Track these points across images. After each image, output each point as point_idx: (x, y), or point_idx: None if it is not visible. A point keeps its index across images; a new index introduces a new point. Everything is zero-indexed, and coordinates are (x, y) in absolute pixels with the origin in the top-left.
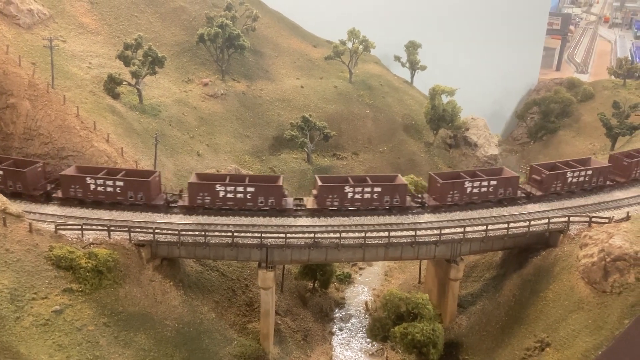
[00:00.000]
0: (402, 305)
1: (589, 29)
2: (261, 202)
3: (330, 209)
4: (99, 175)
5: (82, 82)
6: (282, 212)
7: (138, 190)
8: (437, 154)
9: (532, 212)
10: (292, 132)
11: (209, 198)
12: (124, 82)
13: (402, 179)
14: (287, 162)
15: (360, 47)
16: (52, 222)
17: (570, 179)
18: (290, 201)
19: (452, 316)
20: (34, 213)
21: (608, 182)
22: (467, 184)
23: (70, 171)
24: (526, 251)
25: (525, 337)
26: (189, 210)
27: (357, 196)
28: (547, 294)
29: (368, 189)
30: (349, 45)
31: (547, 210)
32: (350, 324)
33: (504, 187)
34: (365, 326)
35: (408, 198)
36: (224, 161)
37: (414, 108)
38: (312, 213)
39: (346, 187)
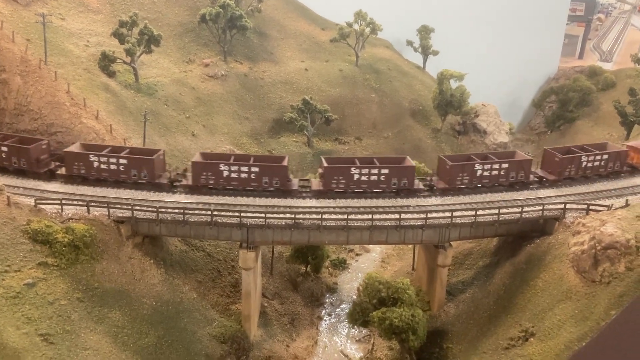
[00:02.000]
0: (383, 289)
1: (621, 18)
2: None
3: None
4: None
5: (77, 60)
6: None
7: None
8: (445, 140)
9: (543, 197)
10: (292, 115)
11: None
12: (119, 60)
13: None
14: (287, 146)
15: (367, 29)
16: (56, 199)
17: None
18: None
19: (440, 304)
20: (37, 190)
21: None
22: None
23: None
24: (521, 239)
25: (510, 326)
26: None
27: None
28: (537, 283)
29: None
30: (356, 27)
31: (560, 196)
32: (340, 309)
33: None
34: None
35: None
36: (220, 142)
37: (422, 93)
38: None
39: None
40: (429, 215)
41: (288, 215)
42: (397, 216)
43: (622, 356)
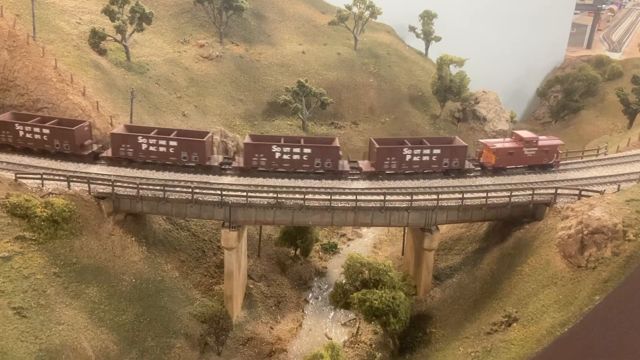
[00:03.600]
0: (365, 271)
1: (635, 10)
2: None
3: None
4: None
5: (67, 37)
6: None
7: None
8: (444, 127)
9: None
10: (286, 97)
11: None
12: (109, 38)
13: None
14: (281, 129)
15: (366, 12)
16: (36, 174)
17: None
18: (345, 164)
19: (426, 288)
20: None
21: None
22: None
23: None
24: (512, 224)
25: (495, 311)
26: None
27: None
28: (524, 268)
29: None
30: (355, 10)
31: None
32: (327, 293)
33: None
34: None
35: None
36: (212, 123)
37: (422, 79)
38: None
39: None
40: (415, 197)
41: (271, 195)
42: (381, 197)
43: (605, 342)
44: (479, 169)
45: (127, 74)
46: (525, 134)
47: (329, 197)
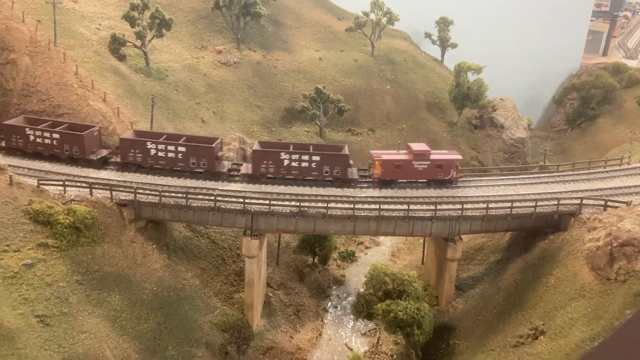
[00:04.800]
0: (389, 281)
1: None
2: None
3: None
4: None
5: (87, 43)
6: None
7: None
8: (461, 134)
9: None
10: (304, 104)
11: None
12: (129, 44)
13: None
14: (298, 135)
15: (384, 19)
16: (59, 180)
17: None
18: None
19: (449, 298)
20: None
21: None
22: (283, 156)
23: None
24: (535, 235)
25: (520, 323)
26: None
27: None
28: (549, 280)
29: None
30: (372, 17)
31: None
32: (346, 302)
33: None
34: None
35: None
36: (230, 130)
37: (439, 86)
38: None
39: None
40: (439, 207)
41: (293, 203)
42: (405, 207)
43: (636, 358)
44: (367, 180)
45: (147, 80)
46: (417, 146)
47: (351, 206)
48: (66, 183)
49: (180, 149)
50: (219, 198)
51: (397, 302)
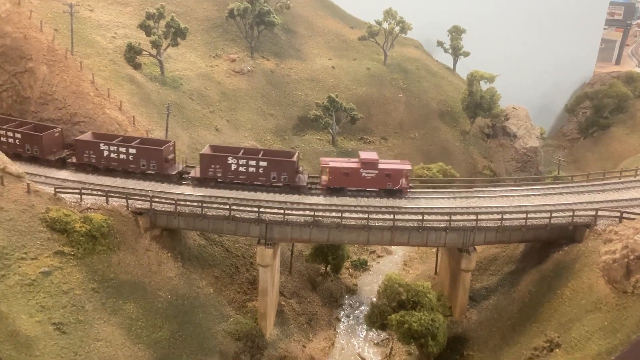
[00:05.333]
0: (402, 292)
1: None
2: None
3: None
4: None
5: (103, 51)
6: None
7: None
8: (473, 143)
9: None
10: (317, 112)
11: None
12: (145, 52)
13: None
14: (311, 143)
15: (397, 28)
16: (75, 188)
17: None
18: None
19: (462, 309)
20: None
21: None
22: (230, 160)
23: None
24: (549, 246)
25: (535, 335)
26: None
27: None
28: (564, 292)
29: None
30: (385, 25)
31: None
32: (359, 311)
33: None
34: None
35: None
36: (244, 138)
37: (451, 95)
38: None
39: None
40: (454, 217)
41: (307, 213)
42: (419, 217)
43: None
44: (317, 187)
45: (162, 89)
46: (366, 155)
47: (366, 216)
48: (82, 191)
49: (131, 150)
50: (234, 207)
51: (411, 313)
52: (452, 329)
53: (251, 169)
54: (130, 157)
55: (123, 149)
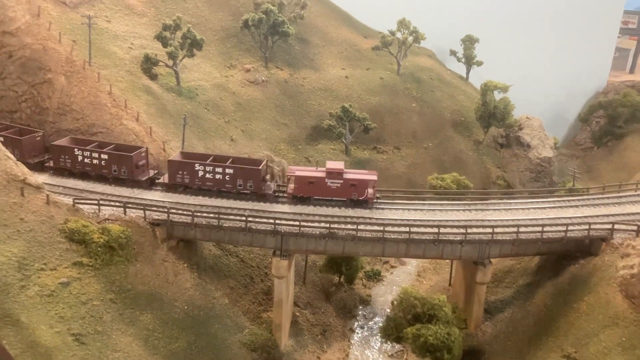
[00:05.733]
0: (418, 305)
1: None
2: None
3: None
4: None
5: (120, 62)
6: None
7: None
8: (487, 153)
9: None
10: (330, 122)
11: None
12: (161, 63)
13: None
14: (324, 153)
15: (410, 38)
16: (94, 199)
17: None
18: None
19: (477, 322)
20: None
21: None
22: (197, 167)
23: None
24: (564, 258)
25: (551, 350)
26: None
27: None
28: (581, 306)
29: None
30: (398, 35)
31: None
32: (373, 322)
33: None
34: None
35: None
36: (258, 147)
37: (465, 104)
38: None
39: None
40: (469, 230)
41: (323, 225)
42: (435, 230)
43: None
44: (283, 195)
45: (178, 99)
46: (332, 164)
47: (381, 229)
48: (101, 202)
49: (103, 156)
50: (250, 218)
51: (427, 327)
52: (467, 341)
53: (218, 176)
54: (103, 163)
55: (96, 155)
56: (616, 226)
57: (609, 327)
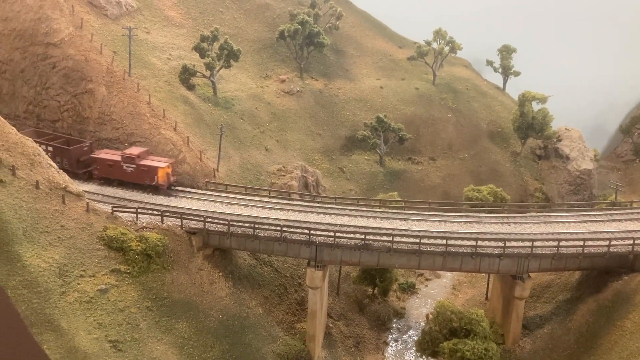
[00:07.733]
0: (455, 319)
1: None
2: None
3: None
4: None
5: (159, 72)
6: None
7: (64, 158)
8: (524, 164)
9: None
10: (365, 133)
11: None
12: (198, 74)
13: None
14: (358, 163)
15: (446, 48)
16: (132, 208)
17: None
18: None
19: (515, 338)
20: None
21: None
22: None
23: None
24: (607, 274)
25: None
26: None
27: None
28: (625, 324)
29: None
30: (434, 45)
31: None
32: (407, 335)
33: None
34: None
35: None
36: (292, 157)
37: (502, 115)
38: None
39: None
40: (508, 244)
41: (357, 236)
42: (473, 243)
43: None
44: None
45: (214, 109)
46: (132, 149)
47: (417, 241)
48: (139, 210)
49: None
50: (285, 228)
51: (464, 342)
52: (504, 357)
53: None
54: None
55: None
56: None
57: None
